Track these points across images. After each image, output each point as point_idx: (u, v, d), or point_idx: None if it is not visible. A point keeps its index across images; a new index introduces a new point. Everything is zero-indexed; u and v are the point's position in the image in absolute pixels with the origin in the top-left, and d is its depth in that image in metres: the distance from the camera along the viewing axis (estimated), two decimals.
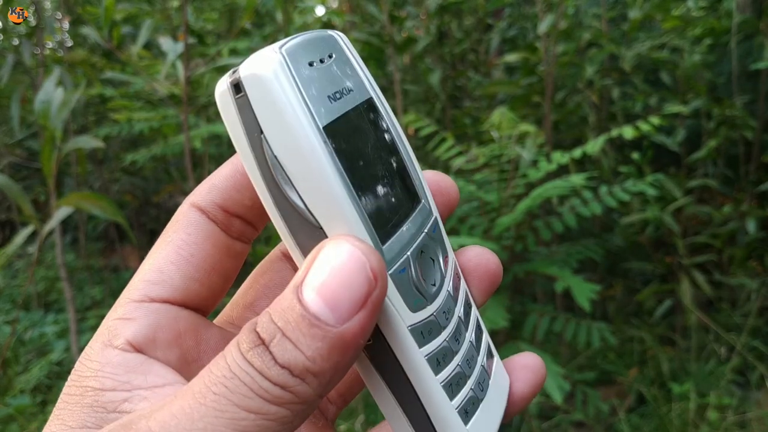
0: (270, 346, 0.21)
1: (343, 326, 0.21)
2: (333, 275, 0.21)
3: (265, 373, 0.20)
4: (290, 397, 0.20)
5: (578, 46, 1.97)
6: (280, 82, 0.22)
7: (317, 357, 0.20)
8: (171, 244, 0.26)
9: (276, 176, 0.22)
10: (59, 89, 1.07)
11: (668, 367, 1.78)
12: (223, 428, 0.20)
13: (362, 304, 0.21)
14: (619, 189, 1.48)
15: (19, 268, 2.67)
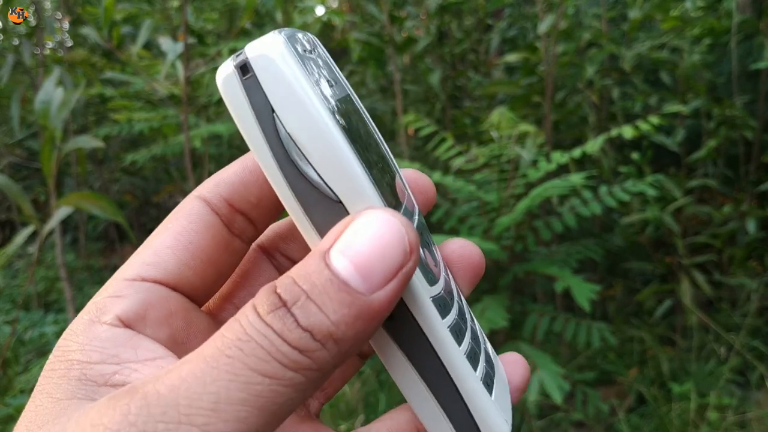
0: (292, 308, 0.20)
1: (373, 295, 0.20)
2: (368, 243, 0.21)
3: (286, 335, 0.20)
4: (308, 363, 0.20)
5: (578, 46, 1.97)
6: (288, 60, 0.22)
7: (342, 323, 0.20)
8: (170, 230, 0.26)
9: (291, 154, 0.22)
10: (59, 89, 1.07)
11: (668, 367, 1.78)
12: (237, 392, 0.19)
13: (394, 274, 0.21)
14: (618, 189, 1.48)
15: (19, 268, 2.67)
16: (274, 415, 0.20)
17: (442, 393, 0.24)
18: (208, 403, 0.19)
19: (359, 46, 2.11)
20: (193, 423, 0.18)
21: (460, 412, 0.24)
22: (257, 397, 0.19)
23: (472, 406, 0.24)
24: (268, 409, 0.19)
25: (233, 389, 0.19)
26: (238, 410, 0.19)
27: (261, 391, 0.19)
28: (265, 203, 0.27)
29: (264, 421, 0.19)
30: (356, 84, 2.50)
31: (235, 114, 0.23)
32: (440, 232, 1.50)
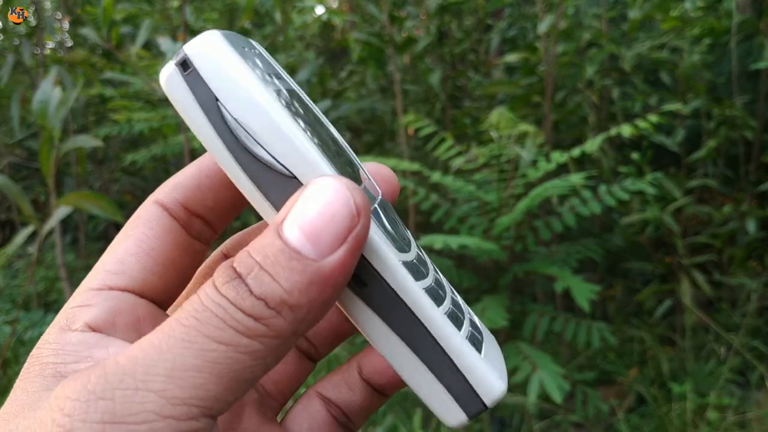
0: (246, 279, 0.20)
1: (323, 260, 0.21)
2: (316, 210, 0.21)
3: (239, 304, 0.20)
4: (264, 330, 0.20)
5: (578, 46, 1.97)
6: (225, 49, 0.23)
7: (295, 290, 0.20)
8: (132, 237, 0.26)
9: (240, 138, 0.22)
10: (57, 89, 1.07)
11: (668, 367, 1.78)
12: (192, 359, 0.19)
13: (344, 238, 0.21)
14: (618, 188, 1.48)
15: (19, 268, 2.67)
16: (233, 382, 0.20)
17: (428, 355, 0.24)
18: (163, 369, 0.19)
19: (359, 46, 2.11)
20: (149, 389, 0.19)
21: (449, 372, 0.24)
22: (213, 363, 0.19)
23: (460, 364, 0.24)
24: (226, 376, 0.19)
25: (188, 356, 0.19)
26: (194, 376, 0.19)
27: (216, 358, 0.19)
28: (221, 205, 0.27)
29: (222, 388, 0.19)
30: (356, 84, 2.50)
31: (182, 110, 0.23)
32: (440, 231, 1.50)
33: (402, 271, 0.24)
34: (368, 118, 2.53)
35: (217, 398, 0.19)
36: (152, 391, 0.19)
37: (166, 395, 0.19)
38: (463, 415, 0.25)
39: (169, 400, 0.19)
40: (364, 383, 0.29)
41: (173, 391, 0.19)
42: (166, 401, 0.19)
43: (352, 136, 2.55)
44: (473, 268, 1.79)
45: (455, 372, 0.24)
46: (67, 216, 1.10)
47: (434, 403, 0.25)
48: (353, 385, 0.29)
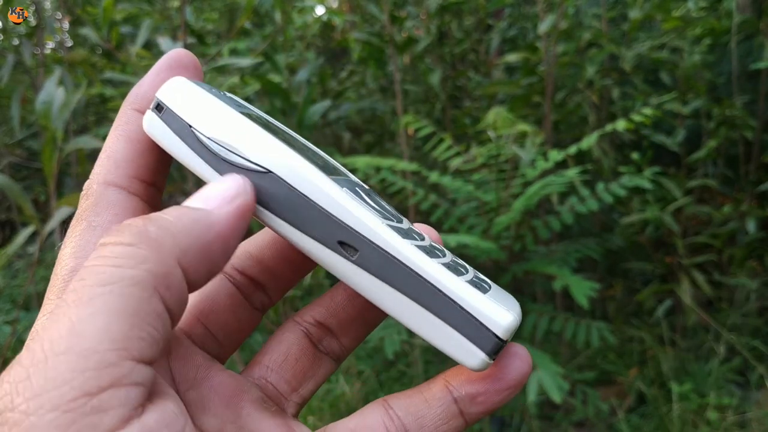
0: (133, 222, 0.21)
1: (212, 210, 0.23)
2: (210, 187, 0.24)
3: (118, 238, 0.20)
4: (143, 255, 0.20)
5: (578, 46, 1.97)
6: (190, 87, 0.26)
7: (178, 222, 0.21)
8: (99, 228, 0.25)
9: (216, 152, 0.25)
10: (60, 89, 1.07)
11: (668, 367, 1.78)
12: (84, 310, 0.19)
13: (230, 201, 0.23)
14: (615, 185, 1.49)
15: (19, 268, 2.67)
16: (134, 317, 0.19)
17: (430, 302, 0.25)
18: (64, 331, 0.18)
19: (359, 46, 2.11)
20: (57, 353, 0.18)
21: (455, 313, 0.25)
22: (106, 305, 0.19)
23: (463, 303, 0.25)
24: (124, 312, 0.19)
25: (82, 309, 0.19)
26: (93, 323, 0.18)
27: (107, 300, 0.19)
28: (162, 162, 0.28)
29: (128, 326, 0.19)
30: (356, 84, 2.50)
31: (166, 145, 0.26)
32: (439, 231, 1.50)
33: (387, 230, 0.25)
34: (368, 118, 2.53)
35: (126, 336, 0.19)
36: (60, 354, 0.18)
37: (74, 351, 0.18)
38: (481, 353, 0.25)
39: (79, 354, 0.18)
40: (449, 397, 0.27)
41: (79, 345, 0.18)
42: (76, 356, 0.18)
43: (352, 136, 2.55)
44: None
45: (460, 311, 0.25)
46: (67, 216, 1.10)
47: (450, 348, 0.25)
48: (433, 398, 0.28)
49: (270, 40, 1.65)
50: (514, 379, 0.27)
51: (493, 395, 0.27)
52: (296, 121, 1.54)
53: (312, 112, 1.57)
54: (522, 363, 0.27)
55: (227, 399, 0.26)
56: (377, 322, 0.30)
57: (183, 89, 0.26)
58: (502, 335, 0.25)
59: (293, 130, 0.27)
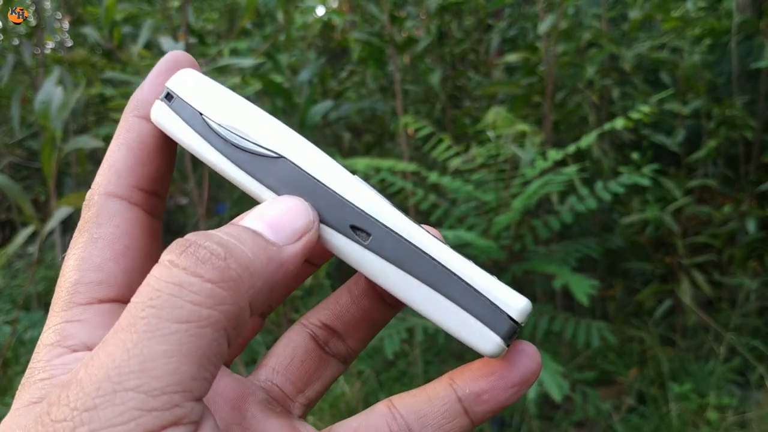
0: (205, 242, 0.20)
1: (284, 246, 0.22)
2: (280, 210, 0.23)
3: (197, 270, 0.20)
4: (223, 295, 0.20)
5: (578, 46, 1.97)
6: (200, 77, 0.27)
7: (257, 258, 0.21)
8: (101, 239, 0.25)
9: (228, 139, 0.25)
10: (59, 89, 1.07)
11: (668, 367, 1.78)
12: (158, 347, 0.19)
13: (301, 236, 0.23)
14: (614, 183, 1.49)
15: (19, 268, 2.67)
16: (203, 358, 0.19)
17: (444, 286, 0.25)
18: (135, 365, 0.18)
19: (359, 46, 2.11)
20: (126, 388, 0.18)
21: (469, 296, 0.25)
22: (180, 345, 0.19)
23: (478, 286, 0.25)
24: (195, 353, 0.19)
25: (155, 345, 0.19)
26: (165, 363, 0.19)
27: (181, 339, 0.19)
28: (164, 172, 0.27)
29: (196, 367, 0.19)
30: (356, 84, 2.50)
31: (176, 134, 0.26)
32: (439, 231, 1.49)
33: (399, 214, 0.25)
34: (368, 118, 2.53)
35: (193, 378, 0.19)
36: (129, 390, 0.18)
37: (144, 389, 0.18)
38: (496, 337, 0.25)
39: (148, 393, 0.18)
40: (453, 396, 0.27)
41: (150, 384, 0.18)
42: (145, 395, 0.18)
43: (352, 136, 2.55)
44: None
45: (475, 294, 0.25)
46: (67, 216, 1.10)
47: (464, 333, 0.25)
48: (436, 396, 0.27)
49: (272, 40, 1.65)
50: (521, 376, 0.27)
51: (500, 393, 0.27)
52: (298, 122, 1.54)
53: (314, 112, 1.57)
54: (530, 361, 0.27)
55: (232, 402, 0.26)
56: (383, 323, 0.30)
57: (193, 79, 0.27)
58: (518, 318, 0.25)
59: (295, 130, 0.27)
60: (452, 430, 0.27)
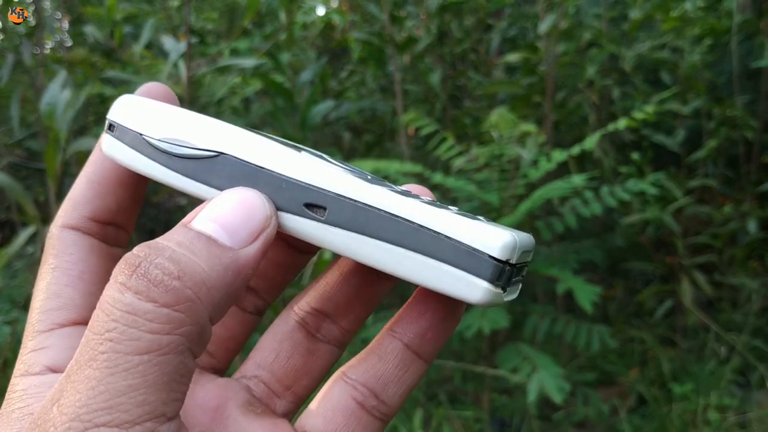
0: (157, 259, 0.20)
1: (241, 251, 0.21)
2: (233, 208, 0.22)
3: (153, 293, 0.19)
4: (180, 319, 0.19)
5: (578, 46, 1.97)
6: (136, 98, 0.27)
7: (214, 271, 0.20)
8: (57, 269, 0.26)
9: (168, 151, 0.25)
10: (66, 91, 1.07)
11: (669, 368, 1.78)
12: (123, 381, 0.18)
13: (257, 236, 0.22)
14: (620, 189, 1.48)
15: (19, 269, 2.66)
16: (171, 383, 0.19)
17: (414, 241, 0.23)
18: (102, 402, 0.18)
19: (359, 46, 2.11)
20: (97, 424, 0.18)
21: (443, 245, 0.23)
22: (144, 377, 0.19)
23: (452, 234, 0.23)
24: (161, 381, 0.19)
25: (119, 380, 0.19)
26: (132, 397, 0.18)
27: (144, 370, 0.19)
28: (124, 205, 0.28)
29: (164, 393, 0.19)
30: (356, 84, 2.50)
31: (125, 161, 0.27)
32: None
33: (352, 180, 0.24)
34: (368, 118, 2.53)
35: (164, 403, 0.19)
36: (101, 425, 0.18)
37: (115, 423, 0.18)
38: (482, 282, 0.22)
39: (120, 427, 0.18)
40: (399, 345, 0.26)
41: (120, 417, 0.18)
42: (117, 428, 0.18)
43: (352, 136, 2.55)
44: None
45: (448, 242, 0.22)
46: None
47: (448, 286, 0.23)
48: (385, 352, 0.26)
49: (274, 39, 1.65)
50: (451, 304, 0.25)
51: (441, 325, 0.26)
52: (299, 122, 1.53)
53: (315, 112, 1.56)
54: None
55: (213, 410, 0.26)
56: (377, 299, 0.29)
57: (129, 103, 0.27)
58: (500, 255, 0.22)
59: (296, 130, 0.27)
60: (411, 376, 0.26)
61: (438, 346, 0.26)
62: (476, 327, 1.27)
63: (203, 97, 1.73)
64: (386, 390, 0.26)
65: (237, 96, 1.83)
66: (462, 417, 1.59)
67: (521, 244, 0.23)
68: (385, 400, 0.26)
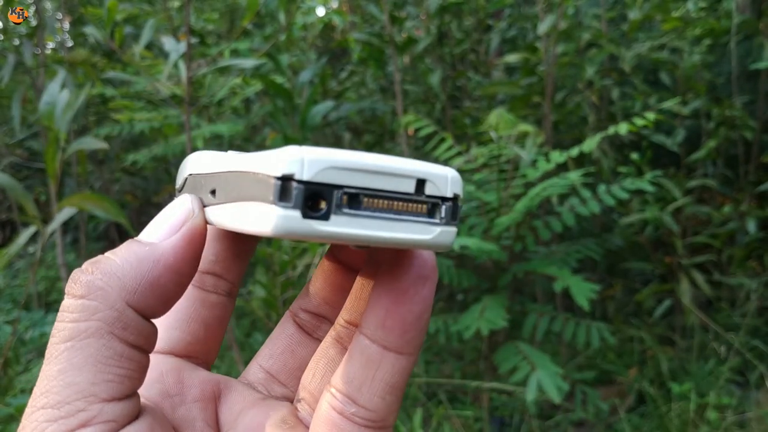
0: (83, 266, 0.22)
1: (160, 243, 0.23)
2: (161, 212, 0.25)
3: (73, 291, 0.22)
4: (93, 306, 0.21)
5: (578, 47, 1.98)
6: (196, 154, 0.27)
7: (125, 263, 0.22)
8: None
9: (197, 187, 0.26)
10: (65, 91, 1.07)
11: (668, 367, 1.79)
12: (54, 367, 0.21)
13: (178, 228, 0.24)
14: (617, 188, 1.49)
15: (20, 268, 2.67)
16: (97, 364, 0.21)
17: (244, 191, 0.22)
18: (42, 388, 0.21)
19: (359, 46, 2.11)
20: (37, 407, 0.21)
21: (249, 184, 0.21)
22: (69, 361, 0.21)
23: (249, 167, 0.22)
24: (85, 363, 0.21)
25: (52, 367, 0.21)
26: (61, 380, 0.21)
27: (69, 355, 0.21)
28: (224, 255, 0.29)
29: (91, 374, 0.21)
30: (356, 84, 2.50)
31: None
32: None
33: (240, 155, 0.24)
34: (368, 118, 2.53)
35: (92, 383, 0.21)
36: (40, 408, 0.21)
37: (50, 404, 0.21)
38: (269, 207, 0.20)
39: (54, 407, 0.21)
40: (364, 341, 0.24)
41: (53, 398, 0.21)
42: (51, 409, 0.21)
43: (352, 136, 2.56)
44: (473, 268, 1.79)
45: (249, 177, 0.21)
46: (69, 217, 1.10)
47: (249, 224, 0.21)
48: (352, 352, 0.24)
49: (274, 40, 1.65)
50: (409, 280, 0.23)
51: (395, 311, 0.23)
52: (299, 122, 1.54)
53: (315, 112, 1.57)
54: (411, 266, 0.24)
55: (206, 400, 0.27)
56: None
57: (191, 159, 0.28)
58: (280, 171, 0.19)
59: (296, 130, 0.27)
60: (385, 373, 0.24)
61: (405, 335, 0.23)
62: (474, 328, 1.27)
63: (203, 97, 1.74)
64: (362, 393, 0.24)
65: (237, 96, 1.84)
66: (462, 416, 1.59)
67: (320, 159, 0.20)
68: (364, 405, 0.24)
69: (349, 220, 0.20)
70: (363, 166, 0.20)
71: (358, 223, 0.20)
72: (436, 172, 0.21)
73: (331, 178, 0.20)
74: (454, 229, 0.22)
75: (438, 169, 0.22)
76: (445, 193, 0.22)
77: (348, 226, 0.20)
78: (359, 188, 0.20)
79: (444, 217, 0.22)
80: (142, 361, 0.23)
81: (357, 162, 0.20)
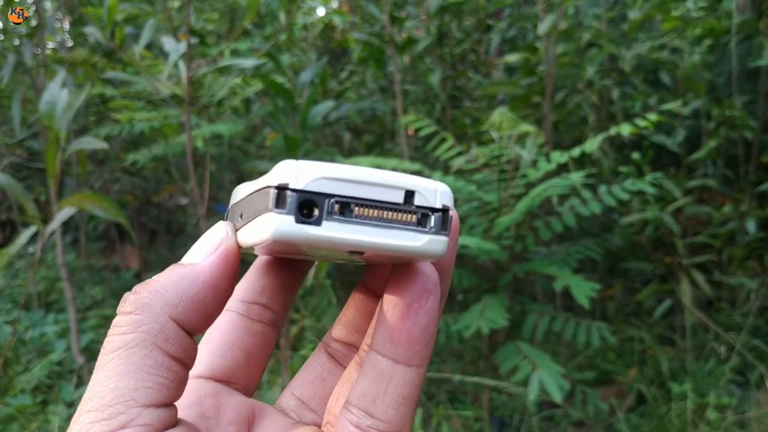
0: (134, 288, 0.25)
1: (200, 262, 0.26)
2: (201, 237, 0.27)
3: (121, 308, 0.24)
4: (139, 320, 0.24)
5: (578, 47, 1.98)
6: None
7: (168, 282, 0.25)
8: None
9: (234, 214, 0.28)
10: (65, 91, 1.07)
11: (668, 367, 1.79)
12: (101, 374, 0.23)
13: (215, 249, 0.26)
14: (618, 188, 1.49)
15: (20, 268, 2.67)
16: (140, 372, 0.23)
17: (254, 210, 0.26)
18: (90, 394, 0.23)
19: (359, 46, 2.11)
20: (84, 410, 0.23)
21: (260, 199, 0.24)
22: (115, 368, 0.23)
23: (260, 184, 0.24)
24: (128, 370, 0.23)
25: (100, 375, 0.23)
26: (106, 385, 0.23)
27: (115, 363, 0.23)
28: (270, 287, 0.31)
29: (133, 380, 0.23)
30: (356, 84, 2.50)
31: None
32: None
33: (251, 184, 0.26)
34: (368, 118, 2.53)
35: (133, 389, 0.23)
36: (86, 411, 0.23)
37: (95, 408, 0.23)
38: (269, 215, 0.22)
39: (98, 410, 0.23)
40: (375, 356, 0.25)
41: (98, 402, 0.23)
42: (95, 412, 0.23)
43: (353, 136, 2.56)
44: (473, 268, 1.79)
45: (260, 193, 0.24)
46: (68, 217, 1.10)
47: (258, 235, 0.23)
48: (365, 367, 0.26)
49: (274, 40, 1.65)
50: (413, 294, 0.25)
51: (402, 325, 0.25)
52: (299, 122, 1.54)
53: (315, 112, 1.57)
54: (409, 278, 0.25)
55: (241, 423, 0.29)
56: None
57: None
58: (276, 182, 0.22)
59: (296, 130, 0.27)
60: (398, 386, 0.25)
61: (413, 347, 0.25)
62: (475, 327, 1.27)
63: (203, 97, 1.73)
64: (376, 406, 0.25)
65: (237, 96, 1.84)
66: (462, 416, 1.59)
67: (313, 171, 0.22)
68: (379, 417, 0.25)
69: (340, 225, 0.22)
70: (353, 177, 0.22)
71: (348, 229, 0.22)
72: (424, 185, 0.23)
73: (323, 188, 0.22)
74: (445, 238, 0.23)
75: (427, 183, 0.23)
76: (434, 204, 0.23)
77: (339, 231, 0.22)
78: (349, 197, 0.22)
79: (433, 227, 0.23)
80: (180, 373, 0.25)
81: (347, 173, 0.22)
